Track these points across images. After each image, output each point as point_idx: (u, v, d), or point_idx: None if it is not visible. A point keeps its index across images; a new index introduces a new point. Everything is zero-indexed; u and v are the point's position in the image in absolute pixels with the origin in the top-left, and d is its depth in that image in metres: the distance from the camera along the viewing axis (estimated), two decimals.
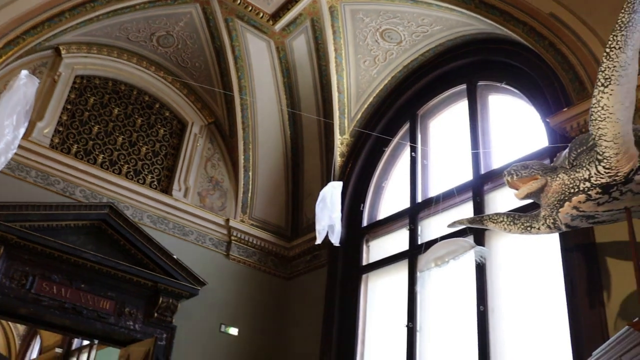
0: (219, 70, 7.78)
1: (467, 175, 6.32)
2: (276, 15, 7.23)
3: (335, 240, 5.32)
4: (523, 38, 5.81)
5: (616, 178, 3.39)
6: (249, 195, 8.01)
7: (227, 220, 7.72)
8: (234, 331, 7.26)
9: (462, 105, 6.87)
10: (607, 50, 3.08)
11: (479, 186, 6.16)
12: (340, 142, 7.66)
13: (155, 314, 6.65)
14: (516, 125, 6.33)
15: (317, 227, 5.33)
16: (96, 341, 8.63)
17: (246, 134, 7.95)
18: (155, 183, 7.48)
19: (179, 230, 7.33)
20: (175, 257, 6.83)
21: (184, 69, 7.92)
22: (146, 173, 7.47)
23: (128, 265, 6.57)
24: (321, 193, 5.50)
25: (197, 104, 8.16)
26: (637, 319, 3.32)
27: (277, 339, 7.54)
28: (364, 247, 7.28)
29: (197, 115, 8.14)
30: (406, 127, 7.42)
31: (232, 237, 7.72)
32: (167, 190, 7.50)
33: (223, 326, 7.23)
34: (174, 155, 7.85)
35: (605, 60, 3.09)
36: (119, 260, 6.54)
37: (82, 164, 6.89)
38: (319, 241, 5.35)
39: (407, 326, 6.20)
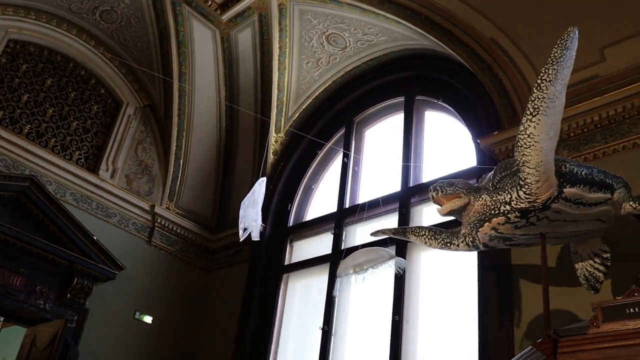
0: (160, 54, 7.62)
1: (395, 187, 6.43)
2: (225, 6, 7.16)
3: (255, 235, 5.32)
4: (463, 59, 5.96)
5: (535, 204, 3.51)
6: (178, 183, 7.88)
7: (153, 206, 7.57)
8: (148, 319, 7.12)
9: (399, 118, 6.98)
10: (539, 81, 3.19)
11: (406, 198, 6.27)
12: (275, 140, 7.65)
13: (68, 295, 6.41)
14: (448, 142, 6.48)
15: (241, 225, 5.30)
16: (2, 318, 8.31)
17: (181, 120, 7.82)
18: (83, 160, 7.27)
19: (102, 211, 7.14)
20: (95, 238, 6.64)
21: (125, 47, 7.73)
22: (74, 149, 7.25)
23: (44, 242, 6.30)
24: (250, 191, 5.48)
25: (135, 84, 7.95)
26: (541, 340, 3.46)
27: (192, 331, 7.45)
28: (288, 247, 7.30)
29: (133, 96, 7.94)
30: (341, 132, 7.48)
31: (156, 224, 7.58)
32: (94, 169, 7.29)
33: (137, 313, 7.08)
34: (105, 134, 7.62)
35: (535, 91, 3.21)
36: (35, 236, 6.26)
37: (6, 132, 6.59)
38: (242, 238, 5.33)
39: (323, 329, 6.25)
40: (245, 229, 5.30)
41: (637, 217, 3.92)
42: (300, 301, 6.97)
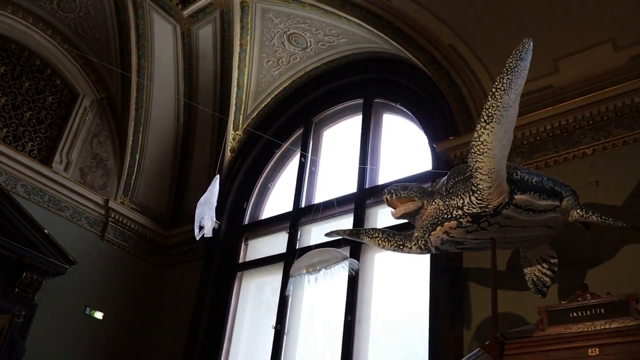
0: (119, 46, 7.49)
1: (351, 188, 6.48)
2: (186, 1, 7.08)
3: (208, 232, 5.30)
4: (422, 64, 6.03)
5: (486, 210, 3.59)
6: (133, 177, 7.78)
7: (107, 201, 7.46)
8: (99, 315, 7.01)
9: (357, 119, 7.04)
10: (493, 90, 3.26)
11: (362, 200, 6.33)
12: (233, 138, 7.63)
13: (17, 289, 6.23)
14: (405, 145, 6.56)
15: (197, 223, 5.28)
16: None
17: (138, 114, 7.72)
18: (35, 152, 7.12)
19: (54, 204, 7.00)
20: (46, 231, 6.50)
21: (82, 38, 7.59)
22: (27, 140, 7.09)
23: None
24: (207, 190, 5.46)
25: (92, 76, 7.79)
26: (488, 342, 3.54)
27: (144, 328, 7.37)
28: (243, 245, 7.28)
29: (90, 88, 7.78)
30: (300, 131, 7.49)
31: (110, 219, 7.47)
32: (47, 161, 7.13)
33: (88, 309, 6.96)
34: (60, 126, 7.45)
35: (490, 99, 3.28)
36: None
37: None
38: (198, 237, 5.31)
39: (275, 328, 6.26)
40: (201, 228, 5.28)
41: (584, 225, 4.06)
42: (254, 300, 6.97)
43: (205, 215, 5.28)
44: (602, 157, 4.79)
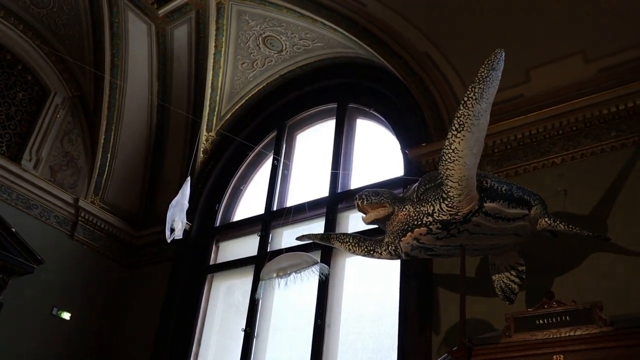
0: (92, 44, 7.41)
1: (323, 192, 6.50)
2: (162, 0, 7.06)
3: (178, 234, 5.28)
4: (396, 70, 6.07)
5: (456, 217, 3.63)
6: (104, 177, 7.70)
7: (77, 200, 7.37)
8: (66, 315, 6.93)
9: (330, 124, 7.05)
10: (465, 99, 3.30)
11: (334, 204, 6.35)
12: (206, 139, 7.59)
13: None
14: (378, 151, 6.59)
15: (168, 224, 5.25)
16: None
17: (111, 113, 7.64)
18: (4, 149, 7.01)
19: (22, 202, 6.89)
20: (13, 230, 6.41)
21: (55, 35, 7.49)
22: None
23: None
24: (179, 193, 5.43)
25: (65, 74, 7.71)
26: (456, 347, 3.58)
27: (112, 329, 7.31)
28: (214, 247, 7.25)
29: (62, 85, 7.69)
30: (273, 134, 7.49)
31: (79, 218, 7.38)
32: (16, 158, 7.02)
33: (55, 309, 6.88)
34: (30, 122, 7.35)
35: (462, 108, 3.31)
36: None
37: None
38: (169, 239, 5.28)
39: (245, 331, 6.25)
40: (172, 230, 5.25)
41: (552, 233, 4.13)
42: (224, 302, 6.95)
43: (177, 217, 5.26)
44: (571, 167, 4.86)
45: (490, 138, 5.00)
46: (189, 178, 5.63)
